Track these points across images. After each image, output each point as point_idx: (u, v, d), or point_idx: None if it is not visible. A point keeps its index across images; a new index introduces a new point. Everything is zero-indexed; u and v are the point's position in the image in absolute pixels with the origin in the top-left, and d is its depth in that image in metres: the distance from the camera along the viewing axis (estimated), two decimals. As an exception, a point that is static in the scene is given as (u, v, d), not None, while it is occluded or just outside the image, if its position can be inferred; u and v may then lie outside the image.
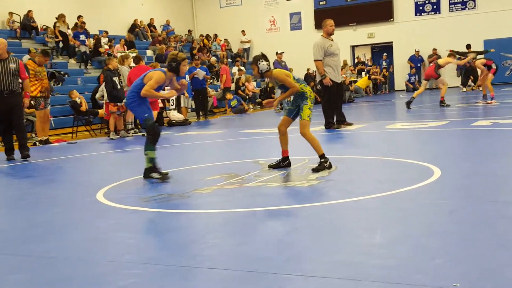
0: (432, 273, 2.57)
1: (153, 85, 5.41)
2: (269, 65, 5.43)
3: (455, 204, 3.86)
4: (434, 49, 22.74)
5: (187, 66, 5.82)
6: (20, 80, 8.38)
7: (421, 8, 23.03)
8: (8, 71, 8.10)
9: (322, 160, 5.42)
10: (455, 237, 3.11)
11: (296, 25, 25.28)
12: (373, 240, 3.13)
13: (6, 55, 8.22)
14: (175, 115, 13.68)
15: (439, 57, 22.81)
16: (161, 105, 12.07)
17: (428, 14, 22.92)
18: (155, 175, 5.47)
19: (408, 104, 13.04)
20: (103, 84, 11.17)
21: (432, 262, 2.71)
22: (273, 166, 5.69)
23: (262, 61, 5.40)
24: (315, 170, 5.34)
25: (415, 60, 23.19)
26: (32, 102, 9.36)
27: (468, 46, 19.43)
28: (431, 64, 13.18)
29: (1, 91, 8.05)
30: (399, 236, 3.20)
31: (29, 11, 17.97)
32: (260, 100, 19.32)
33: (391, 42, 23.94)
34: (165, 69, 5.59)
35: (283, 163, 5.67)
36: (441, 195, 4.17)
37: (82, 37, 17.97)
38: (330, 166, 5.42)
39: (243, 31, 25.61)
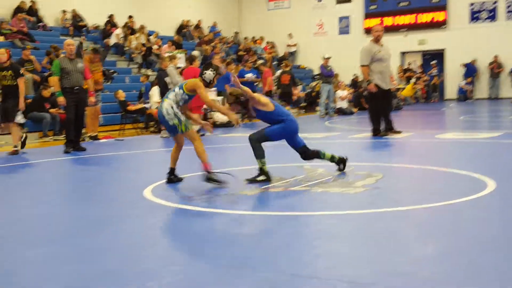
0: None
1: None
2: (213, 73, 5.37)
3: (509, 219, 3.71)
4: (495, 56, 21.81)
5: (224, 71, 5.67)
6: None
7: (476, 15, 22.38)
8: (77, 70, 8.80)
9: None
10: (508, 254, 2.99)
11: (344, 29, 25.00)
12: (422, 252, 3.05)
13: (74, 55, 8.93)
14: (219, 117, 13.77)
15: (500, 65, 22.03)
16: (205, 106, 12.12)
17: (483, 21, 22.24)
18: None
19: None
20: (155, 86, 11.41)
21: (483, 278, 2.62)
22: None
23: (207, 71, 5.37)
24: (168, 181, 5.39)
25: (471, 69, 22.48)
26: (93, 99, 9.68)
27: None
28: None
29: (73, 87, 8.70)
30: (449, 249, 3.11)
31: (73, 10, 18.45)
32: (305, 104, 19.21)
33: (443, 49, 23.34)
34: None
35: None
36: (495, 209, 4.03)
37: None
38: (170, 181, 5.41)
39: (290, 34, 25.52)
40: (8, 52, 8.77)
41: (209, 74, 5.37)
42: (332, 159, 5.68)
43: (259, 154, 5.37)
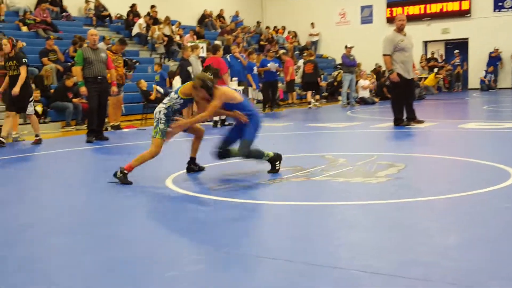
0: (510, 280, 2.44)
1: None
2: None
3: (534, 210, 3.65)
4: None
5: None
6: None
7: (500, 3, 21.89)
8: (100, 60, 8.79)
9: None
10: (535, 244, 2.95)
11: (367, 19, 24.70)
12: (446, 241, 3.02)
13: (97, 45, 8.96)
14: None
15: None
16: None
17: (508, 10, 21.75)
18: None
19: None
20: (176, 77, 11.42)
21: (506, 268, 2.59)
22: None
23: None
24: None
25: (494, 58, 22.05)
26: (115, 89, 9.65)
27: None
28: None
29: (95, 77, 8.69)
30: (472, 239, 3.08)
31: (96, 0, 18.60)
32: (326, 94, 19.10)
33: (467, 38, 22.92)
34: None
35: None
36: (519, 199, 3.96)
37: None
38: (190, 170, 5.46)
39: (312, 23, 25.33)
40: (11, 42, 8.66)
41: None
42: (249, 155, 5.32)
43: (258, 155, 5.24)
